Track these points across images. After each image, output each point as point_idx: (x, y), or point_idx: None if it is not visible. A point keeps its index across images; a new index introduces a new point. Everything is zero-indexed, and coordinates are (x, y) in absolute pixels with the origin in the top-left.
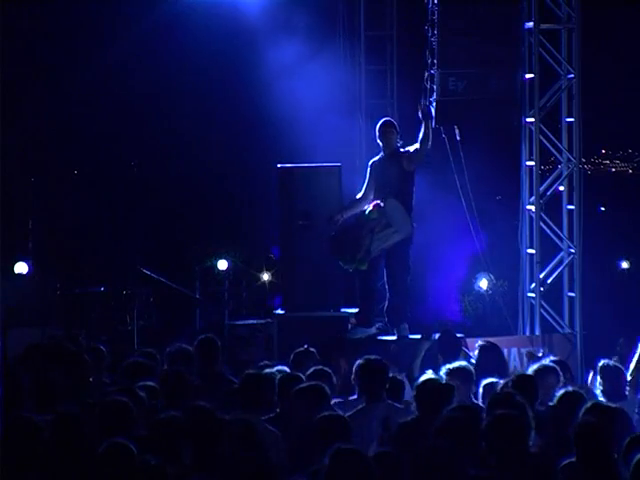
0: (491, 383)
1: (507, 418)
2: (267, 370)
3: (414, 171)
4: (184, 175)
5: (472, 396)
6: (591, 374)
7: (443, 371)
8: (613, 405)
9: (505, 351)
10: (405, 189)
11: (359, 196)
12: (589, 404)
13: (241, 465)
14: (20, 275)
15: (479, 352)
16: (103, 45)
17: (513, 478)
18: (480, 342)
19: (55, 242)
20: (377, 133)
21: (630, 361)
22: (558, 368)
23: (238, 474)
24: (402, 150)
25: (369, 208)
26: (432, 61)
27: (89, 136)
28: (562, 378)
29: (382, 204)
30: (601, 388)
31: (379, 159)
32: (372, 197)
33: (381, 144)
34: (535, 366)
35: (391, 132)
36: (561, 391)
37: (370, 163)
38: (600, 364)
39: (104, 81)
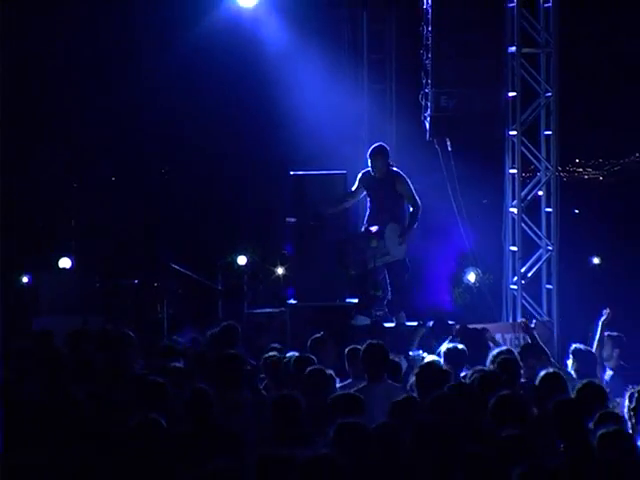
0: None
1: (510, 398)
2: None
3: None
4: (209, 182)
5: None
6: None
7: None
8: (594, 382)
9: None
10: (399, 209)
11: (347, 193)
12: (579, 384)
13: None
14: (64, 269)
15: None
16: (141, 62)
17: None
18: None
19: (95, 240)
20: (368, 159)
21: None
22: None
23: None
24: (394, 171)
25: (372, 235)
26: (427, 81)
27: (124, 147)
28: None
29: (381, 230)
30: (574, 369)
31: (370, 176)
32: (358, 198)
33: (371, 168)
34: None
35: (377, 159)
36: (542, 372)
37: (361, 174)
38: (572, 348)
39: (136, 100)
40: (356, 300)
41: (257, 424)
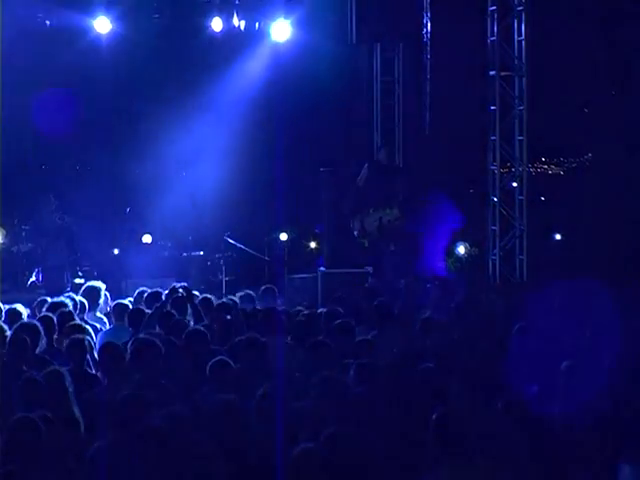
0: None
1: None
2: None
3: None
4: (259, 176)
5: None
6: None
7: None
8: None
9: None
10: None
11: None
12: None
13: None
14: (146, 244)
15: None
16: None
17: None
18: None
19: (170, 222)
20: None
21: None
22: None
23: None
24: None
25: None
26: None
27: (193, 151)
28: None
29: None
30: None
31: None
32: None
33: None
34: None
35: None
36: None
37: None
38: None
39: (199, 116)
40: (370, 268)
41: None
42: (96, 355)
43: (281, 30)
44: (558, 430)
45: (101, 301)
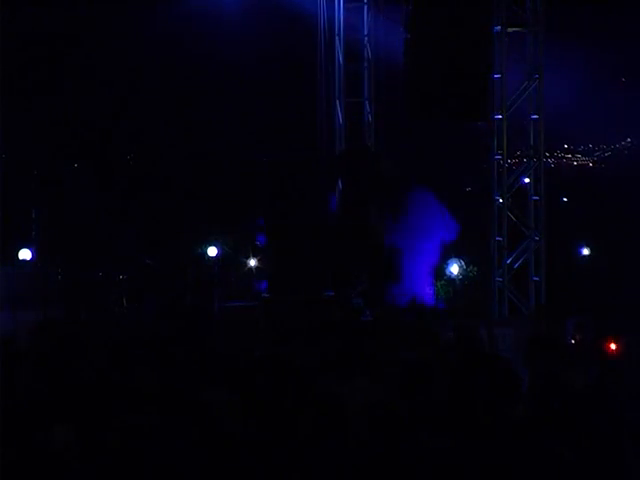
0: None
1: None
2: None
3: None
4: (174, 167)
5: None
6: None
7: None
8: None
9: None
10: None
11: None
12: None
13: None
14: (24, 261)
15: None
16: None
17: None
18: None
19: (57, 230)
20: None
21: None
22: None
23: None
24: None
25: None
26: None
27: (90, 131)
28: None
29: None
30: None
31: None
32: None
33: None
34: None
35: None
36: None
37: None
38: None
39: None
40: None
41: None
42: None
43: None
44: None
45: None
